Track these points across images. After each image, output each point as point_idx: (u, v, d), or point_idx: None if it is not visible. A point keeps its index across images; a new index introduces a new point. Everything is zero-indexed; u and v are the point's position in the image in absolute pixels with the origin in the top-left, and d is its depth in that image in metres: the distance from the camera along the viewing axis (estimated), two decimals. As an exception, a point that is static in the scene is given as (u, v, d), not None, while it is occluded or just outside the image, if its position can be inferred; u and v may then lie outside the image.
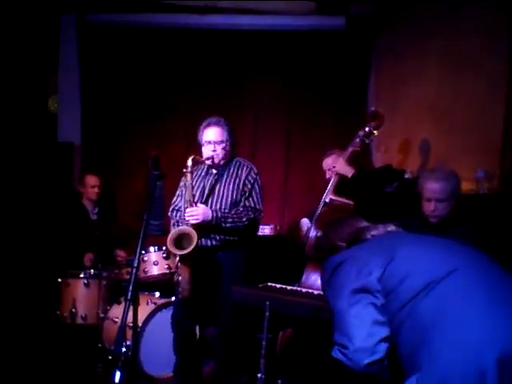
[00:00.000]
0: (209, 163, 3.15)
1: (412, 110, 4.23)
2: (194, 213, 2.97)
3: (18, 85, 4.61)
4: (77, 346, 3.77)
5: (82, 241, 4.06)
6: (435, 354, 1.42)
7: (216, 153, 3.11)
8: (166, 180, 2.85)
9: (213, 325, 3.26)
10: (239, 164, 3.21)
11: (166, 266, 3.79)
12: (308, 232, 3.17)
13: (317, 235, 2.99)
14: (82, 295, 3.77)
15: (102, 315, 3.73)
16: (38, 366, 3.65)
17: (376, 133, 3.30)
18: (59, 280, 3.83)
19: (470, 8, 3.67)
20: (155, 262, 3.80)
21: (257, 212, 3.15)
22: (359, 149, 3.32)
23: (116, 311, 3.63)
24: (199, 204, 3.04)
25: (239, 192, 3.13)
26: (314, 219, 3.17)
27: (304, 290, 2.58)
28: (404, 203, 3.27)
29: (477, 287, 1.51)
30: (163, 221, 3.33)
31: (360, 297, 1.60)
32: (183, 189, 3.14)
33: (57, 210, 4.32)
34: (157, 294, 3.78)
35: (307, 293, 2.54)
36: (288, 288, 2.62)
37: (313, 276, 2.83)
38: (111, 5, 4.86)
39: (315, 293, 2.49)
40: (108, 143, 5.03)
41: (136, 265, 2.25)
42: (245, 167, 3.20)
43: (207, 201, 3.12)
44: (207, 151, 3.12)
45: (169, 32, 4.96)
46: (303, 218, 3.42)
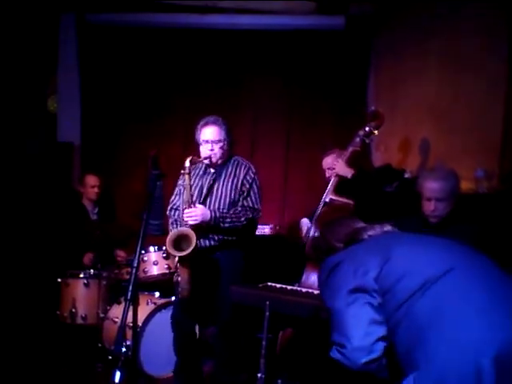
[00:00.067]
0: (207, 162, 3.14)
1: (412, 110, 4.23)
2: (193, 214, 2.97)
3: (18, 85, 4.60)
4: (77, 346, 3.77)
5: (82, 241, 4.06)
6: (432, 354, 1.43)
7: (214, 152, 3.10)
8: (166, 180, 2.86)
9: (212, 324, 3.26)
10: (237, 163, 3.20)
11: (166, 266, 3.79)
12: (308, 232, 3.17)
13: (314, 236, 3.00)
14: (82, 295, 3.77)
15: (102, 315, 3.73)
16: (38, 366, 3.64)
17: (376, 132, 3.30)
18: (59, 280, 3.83)
19: (470, 8, 3.66)
20: (155, 262, 3.80)
21: (255, 212, 3.14)
22: (359, 148, 3.32)
23: (116, 311, 3.63)
24: (198, 204, 3.03)
25: (237, 192, 3.12)
26: (314, 219, 3.17)
27: (304, 290, 2.58)
28: (404, 203, 3.27)
29: (474, 287, 1.51)
30: (163, 220, 3.32)
31: (357, 296, 1.61)
32: (181, 187, 3.14)
33: (57, 210, 4.31)
34: (157, 294, 3.78)
35: (307, 293, 2.54)
36: (288, 288, 2.62)
37: (313, 276, 2.82)
38: (111, 5, 4.86)
39: (315, 293, 2.49)
40: (107, 143, 5.03)
41: (136, 265, 2.25)
42: (243, 166, 3.19)
43: (205, 200, 3.12)
44: (205, 150, 3.12)
45: (168, 32, 4.96)
46: (303, 218, 3.42)
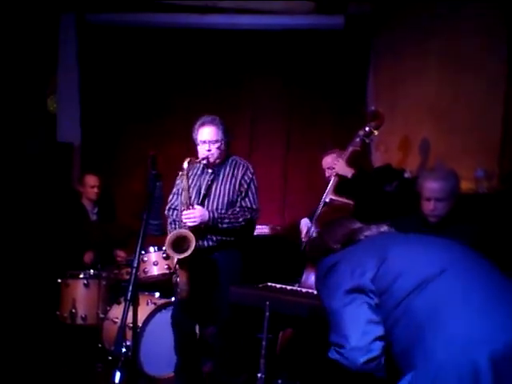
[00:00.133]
0: (204, 163, 3.14)
1: (411, 110, 4.23)
2: (191, 215, 2.97)
3: (18, 85, 4.60)
4: (77, 347, 3.77)
5: (82, 241, 4.06)
6: (430, 353, 1.43)
7: (211, 152, 3.09)
8: (165, 180, 2.85)
9: (212, 325, 3.26)
10: (235, 163, 3.20)
11: (166, 266, 3.79)
12: (308, 232, 3.17)
13: (311, 237, 3.01)
14: (82, 295, 3.78)
15: (102, 315, 3.73)
16: (38, 366, 3.64)
17: (376, 132, 3.30)
18: (59, 280, 3.83)
19: (470, 8, 3.66)
20: (155, 262, 3.80)
21: (253, 212, 3.14)
22: (359, 148, 3.32)
23: (116, 311, 3.63)
24: (196, 206, 3.03)
25: (235, 192, 3.12)
26: (314, 219, 3.17)
27: (304, 290, 2.58)
28: (403, 203, 3.27)
29: (470, 286, 1.52)
30: (162, 220, 3.32)
31: (354, 297, 1.62)
32: (179, 187, 3.14)
33: (56, 210, 4.31)
34: (157, 295, 3.78)
35: (307, 293, 2.54)
36: (288, 288, 2.62)
37: (313, 276, 2.80)
38: (111, 4, 4.85)
39: (315, 293, 2.47)
40: (107, 143, 5.02)
41: (136, 265, 2.24)
42: (241, 166, 3.18)
43: (204, 201, 3.12)
44: (202, 150, 3.12)
45: (168, 32, 4.96)
46: (303, 218, 3.42)
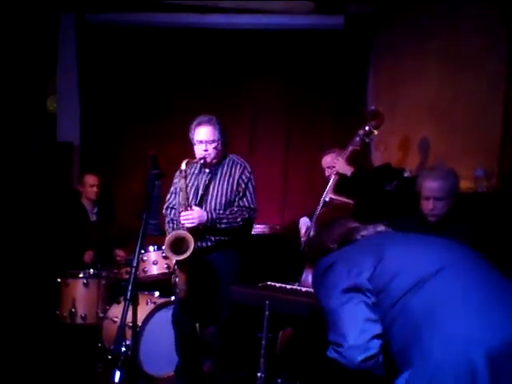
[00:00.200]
0: (202, 162, 3.13)
1: (411, 110, 4.23)
2: (190, 217, 2.97)
3: (17, 85, 4.60)
4: (76, 346, 3.77)
5: (81, 240, 4.05)
6: (427, 351, 1.44)
7: (208, 152, 3.09)
8: (165, 179, 2.85)
9: (212, 324, 3.26)
10: (232, 162, 3.19)
11: (166, 266, 3.79)
12: (308, 231, 3.17)
13: (310, 236, 3.01)
14: (82, 295, 3.77)
15: (102, 315, 3.73)
16: (38, 366, 3.64)
17: (376, 132, 3.30)
18: (59, 280, 3.83)
19: (470, 8, 3.66)
20: (154, 262, 3.80)
21: (251, 211, 3.14)
22: (359, 148, 3.32)
23: (115, 311, 3.63)
24: (194, 207, 3.03)
25: (233, 192, 3.12)
26: (314, 218, 3.17)
27: (304, 289, 2.58)
28: (403, 202, 3.27)
29: (467, 285, 1.53)
30: (160, 220, 3.32)
31: (351, 296, 1.62)
32: (177, 186, 3.15)
33: (56, 210, 4.31)
34: (156, 294, 3.78)
35: (307, 292, 2.53)
36: (288, 287, 2.62)
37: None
38: (110, 4, 4.85)
39: (315, 292, 2.49)
40: (107, 143, 5.03)
41: (135, 264, 2.24)
42: (238, 165, 3.18)
43: (201, 200, 3.11)
44: (199, 150, 3.11)
45: (168, 31, 4.96)
46: (302, 217, 3.42)
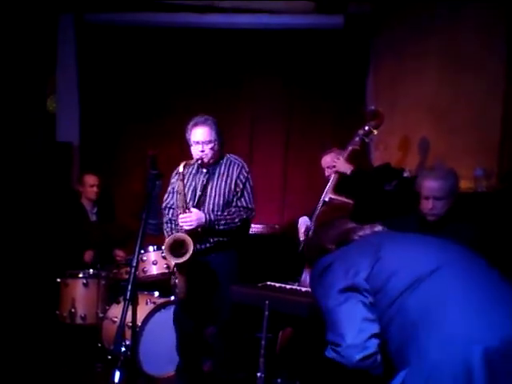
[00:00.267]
0: (199, 163, 3.13)
1: (411, 109, 4.23)
2: (188, 219, 2.97)
3: (17, 85, 4.60)
4: (76, 346, 3.77)
5: (81, 241, 4.05)
6: (423, 350, 1.44)
7: (204, 153, 3.08)
8: (164, 179, 2.84)
9: (211, 324, 3.26)
10: (230, 162, 3.19)
11: (165, 266, 3.78)
12: (307, 231, 3.17)
13: (308, 236, 3.01)
14: (81, 295, 3.77)
15: (101, 315, 3.73)
16: (38, 366, 3.64)
17: (376, 132, 3.30)
18: (58, 280, 3.83)
19: (470, 8, 3.66)
20: (154, 262, 3.79)
21: (249, 211, 3.15)
22: (359, 147, 3.32)
23: (115, 311, 3.62)
24: (192, 209, 3.03)
25: (231, 192, 3.12)
26: (314, 218, 3.17)
27: (304, 289, 2.57)
28: (403, 202, 3.27)
29: (464, 285, 1.53)
30: (160, 220, 3.32)
31: (349, 295, 1.63)
32: (174, 186, 3.14)
33: (56, 210, 4.31)
34: (156, 294, 3.77)
35: (307, 292, 2.53)
36: (287, 287, 2.62)
37: (312, 275, 2.82)
38: (109, 4, 4.85)
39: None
40: (106, 143, 5.02)
41: (135, 264, 2.24)
42: (236, 165, 3.17)
43: (199, 201, 3.11)
44: (196, 151, 3.11)
45: (167, 31, 4.96)
46: (302, 216, 3.42)
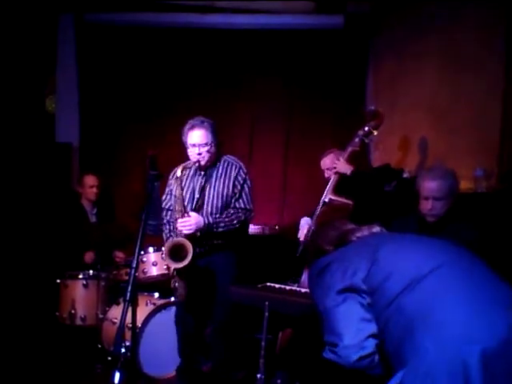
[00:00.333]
0: (196, 166, 3.12)
1: (411, 109, 4.22)
2: (187, 223, 2.97)
3: (16, 85, 4.60)
4: (76, 347, 3.77)
5: (81, 241, 4.05)
6: (420, 350, 1.44)
7: (201, 156, 3.07)
8: (164, 180, 2.84)
9: (211, 325, 3.26)
10: (227, 163, 3.18)
11: (165, 267, 3.75)
12: (309, 231, 3.17)
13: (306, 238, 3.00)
14: (81, 296, 3.77)
15: (101, 316, 3.72)
16: (38, 367, 3.64)
17: (375, 132, 3.30)
18: (58, 281, 3.83)
19: (469, 8, 3.66)
20: (154, 263, 3.78)
21: (247, 212, 3.15)
22: (358, 148, 3.32)
23: (115, 312, 3.62)
24: (191, 213, 3.02)
25: (229, 194, 3.12)
26: (314, 219, 3.17)
27: (303, 290, 2.57)
28: (402, 202, 3.26)
29: (460, 284, 1.53)
30: (160, 221, 3.32)
31: (346, 296, 1.64)
32: (172, 188, 3.14)
33: (55, 211, 4.30)
34: (156, 295, 3.77)
35: (306, 293, 2.52)
36: (287, 288, 2.61)
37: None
38: (109, 4, 4.85)
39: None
40: (106, 143, 5.02)
41: (135, 265, 2.24)
42: (234, 167, 3.17)
43: (197, 204, 3.11)
44: (193, 154, 3.10)
45: (168, 31, 4.95)
46: (304, 217, 3.41)
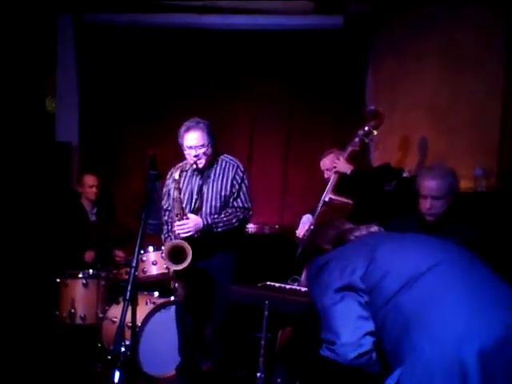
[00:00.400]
0: (194, 167, 3.13)
1: (410, 109, 4.22)
2: (185, 226, 2.98)
3: (16, 85, 4.60)
4: (76, 346, 3.77)
5: (81, 241, 4.05)
6: (417, 349, 1.45)
7: (198, 158, 3.07)
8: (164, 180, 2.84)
9: (211, 324, 3.27)
10: (225, 163, 3.18)
11: (165, 266, 3.76)
12: (309, 229, 3.18)
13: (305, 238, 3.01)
14: (81, 295, 3.77)
15: (101, 315, 3.73)
16: (38, 366, 3.64)
17: (375, 132, 3.31)
18: (58, 280, 3.83)
19: (469, 7, 3.66)
20: (154, 262, 3.78)
21: (246, 211, 3.15)
22: (358, 148, 3.33)
23: (115, 311, 3.62)
24: (189, 215, 3.03)
25: (228, 194, 3.12)
26: (314, 218, 3.18)
27: (303, 289, 2.57)
28: (402, 202, 3.27)
29: (457, 283, 1.54)
30: (160, 220, 3.32)
31: (344, 294, 1.64)
32: (170, 188, 3.14)
33: (55, 211, 4.30)
34: (156, 294, 3.77)
35: (306, 292, 2.53)
36: (287, 287, 2.62)
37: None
38: (108, 5, 4.85)
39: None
40: (106, 143, 5.02)
41: (134, 264, 2.24)
42: (231, 166, 3.17)
43: (196, 204, 3.11)
44: (189, 156, 3.10)
45: (167, 32, 4.96)
46: (306, 214, 3.42)
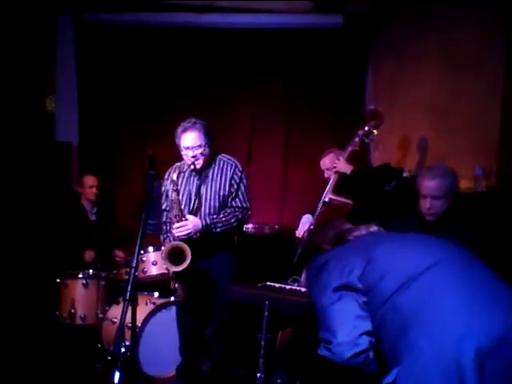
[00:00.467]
0: (192, 168, 3.12)
1: (410, 109, 4.22)
2: (184, 228, 2.98)
3: (16, 85, 4.60)
4: (76, 347, 3.77)
5: (81, 241, 4.05)
6: (414, 348, 1.45)
7: (196, 158, 3.06)
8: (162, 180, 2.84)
9: (211, 325, 3.27)
10: (223, 162, 3.17)
11: (165, 266, 3.77)
12: (309, 229, 3.18)
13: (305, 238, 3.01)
14: (81, 296, 3.77)
15: (101, 315, 3.72)
16: (38, 366, 3.64)
17: (375, 132, 3.30)
18: (58, 280, 3.83)
19: (469, 7, 3.66)
20: (154, 262, 3.77)
21: (244, 211, 3.15)
22: (358, 148, 3.32)
23: (115, 311, 3.62)
24: (188, 216, 3.03)
25: (226, 194, 3.11)
26: (314, 218, 3.17)
27: (303, 290, 2.57)
28: (402, 202, 3.27)
29: (455, 283, 1.54)
30: (160, 220, 3.33)
31: (342, 294, 1.65)
32: (168, 188, 3.14)
33: (55, 211, 4.30)
34: (156, 294, 3.76)
35: (306, 292, 2.53)
36: (287, 287, 2.62)
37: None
38: (108, 4, 4.85)
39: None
40: (106, 143, 5.02)
41: (134, 265, 2.24)
42: (229, 165, 3.16)
43: (195, 206, 3.11)
44: (187, 157, 3.09)
45: (167, 31, 4.95)
46: (306, 214, 3.42)
